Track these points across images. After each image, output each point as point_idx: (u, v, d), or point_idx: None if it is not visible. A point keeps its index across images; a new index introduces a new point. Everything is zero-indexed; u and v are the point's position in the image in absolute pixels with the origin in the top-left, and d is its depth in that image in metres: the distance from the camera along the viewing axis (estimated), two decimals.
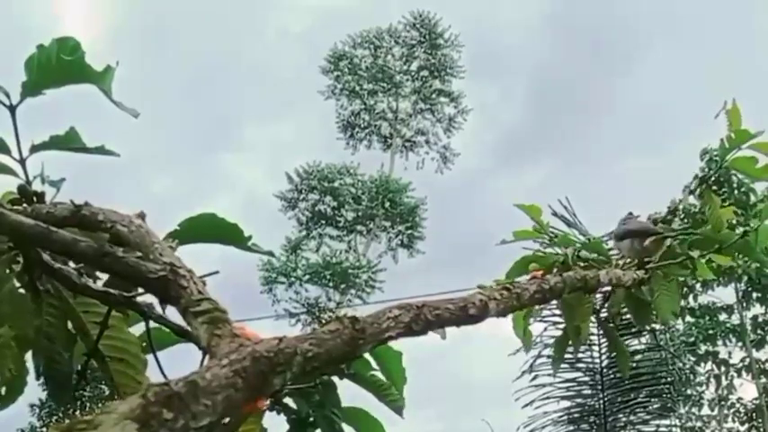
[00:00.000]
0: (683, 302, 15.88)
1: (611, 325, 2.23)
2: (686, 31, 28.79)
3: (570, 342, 2.07)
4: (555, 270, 1.91)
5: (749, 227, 2.00)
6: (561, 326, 2.05)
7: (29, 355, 1.34)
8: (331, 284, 20.06)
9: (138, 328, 1.37)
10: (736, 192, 12.31)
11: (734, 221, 2.10)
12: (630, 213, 2.57)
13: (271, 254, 1.51)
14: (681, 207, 2.23)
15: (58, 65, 1.26)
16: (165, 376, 1.26)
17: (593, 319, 2.20)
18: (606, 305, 2.18)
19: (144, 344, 1.36)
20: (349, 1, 30.57)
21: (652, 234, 2.19)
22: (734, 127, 1.94)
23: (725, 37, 27.55)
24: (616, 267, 1.93)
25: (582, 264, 1.93)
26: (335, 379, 1.43)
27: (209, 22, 28.74)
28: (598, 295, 2.09)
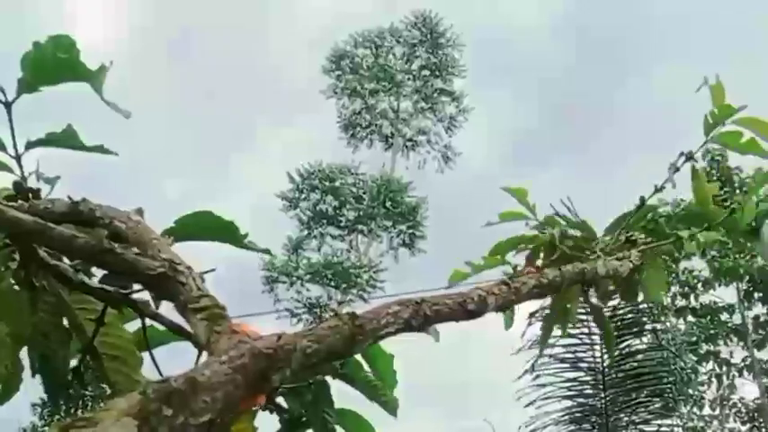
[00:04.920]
0: (684, 302, 15.87)
1: (600, 304, 2.20)
2: (698, 33, 28.81)
3: (558, 325, 2.04)
4: (542, 251, 1.89)
5: (737, 204, 1.99)
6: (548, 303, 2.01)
7: (24, 353, 1.34)
8: (332, 284, 20.05)
9: (132, 326, 1.36)
10: (737, 192, 12.33)
11: (720, 197, 2.07)
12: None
13: (267, 252, 1.51)
14: (668, 185, 2.17)
15: (52, 62, 1.26)
16: (160, 373, 1.26)
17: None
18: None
19: (139, 341, 1.36)
20: (364, 6, 30.72)
21: None
22: (717, 102, 1.94)
23: (737, 40, 27.57)
24: (603, 251, 1.90)
25: (569, 243, 1.90)
26: (329, 380, 1.42)
27: (226, 26, 28.85)
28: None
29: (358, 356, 1.41)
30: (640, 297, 2.09)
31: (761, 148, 1.92)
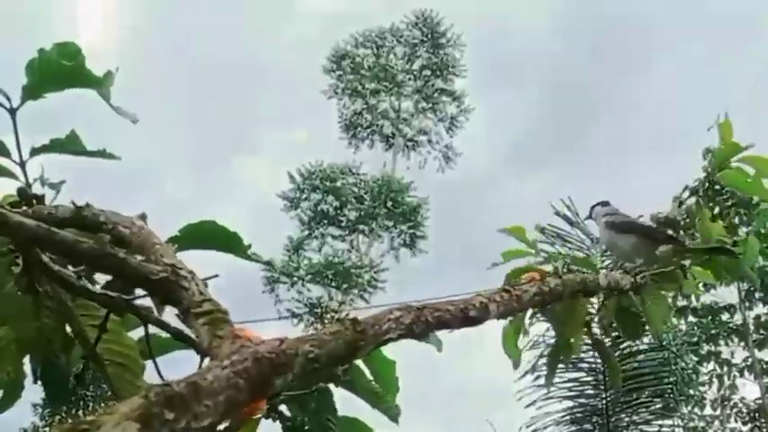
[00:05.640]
0: (685, 302, 15.86)
1: (604, 335, 2.22)
2: (699, 33, 28.74)
3: (562, 357, 2.06)
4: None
5: (738, 237, 1.99)
6: (554, 334, 2.03)
7: (26, 359, 1.34)
8: (333, 284, 20.04)
9: (136, 333, 1.37)
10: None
11: (723, 235, 2.06)
12: (606, 202, 2.36)
13: (270, 263, 1.52)
14: (671, 216, 2.14)
15: (57, 69, 1.26)
16: (163, 380, 1.26)
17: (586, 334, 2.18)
18: (597, 317, 2.14)
19: (142, 349, 1.36)
20: (365, 6, 30.69)
21: (670, 242, 2.04)
22: (725, 140, 1.94)
23: (738, 39, 27.50)
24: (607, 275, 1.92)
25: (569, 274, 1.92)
26: (332, 387, 1.42)
27: (225, 28, 28.84)
28: (593, 301, 2.06)
29: (360, 363, 1.41)
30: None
31: (766, 191, 1.93)
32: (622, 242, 2.14)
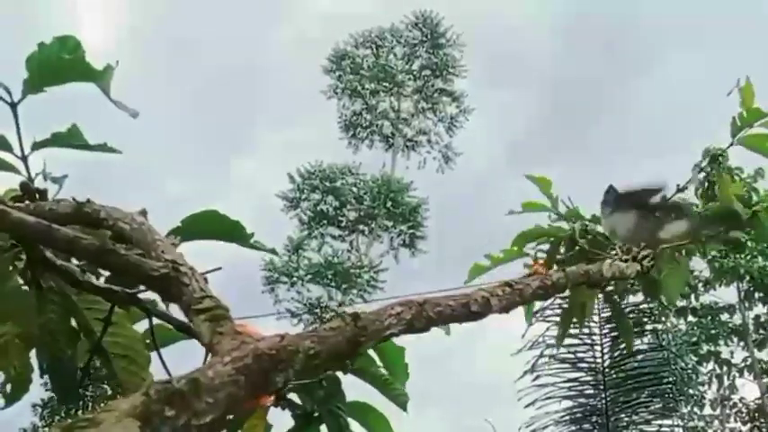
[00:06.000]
0: (685, 302, 15.87)
1: (617, 299, 2.17)
2: (699, 32, 28.76)
3: (574, 319, 2.04)
4: (562, 245, 1.88)
5: (762, 203, 1.98)
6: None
7: (32, 353, 1.34)
8: (333, 284, 20.05)
9: (141, 326, 1.37)
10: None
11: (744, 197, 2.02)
12: (611, 186, 2.17)
13: (273, 251, 1.51)
14: (690, 186, 2.06)
15: (58, 63, 1.26)
16: (168, 373, 1.26)
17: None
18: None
19: (147, 341, 1.36)
20: (364, 7, 30.69)
21: (681, 217, 1.92)
22: (746, 105, 1.93)
23: (740, 39, 27.53)
24: (621, 248, 1.87)
25: (588, 237, 1.89)
26: (339, 374, 1.43)
27: (225, 28, 28.86)
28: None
29: (369, 350, 1.41)
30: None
31: None
32: (621, 222, 1.91)
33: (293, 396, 1.41)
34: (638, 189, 1.93)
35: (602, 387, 7.85)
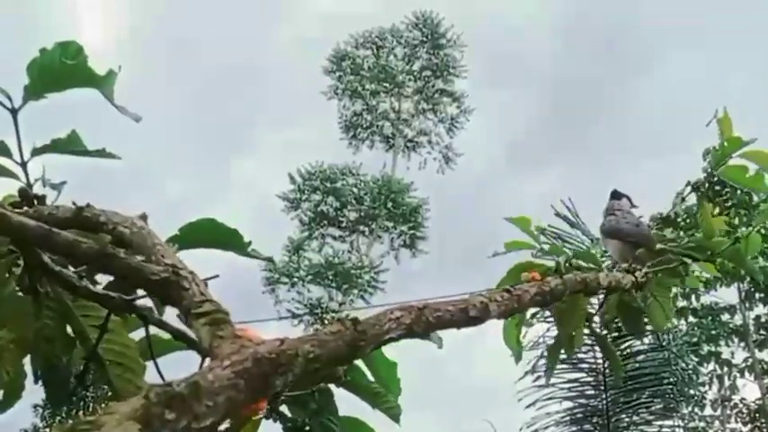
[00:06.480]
0: (685, 303, 15.87)
1: (605, 332, 2.21)
2: (700, 33, 28.73)
3: (563, 351, 2.05)
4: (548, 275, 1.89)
5: (740, 233, 1.99)
6: (554, 334, 2.03)
7: (27, 359, 1.33)
8: (333, 285, 20.06)
9: (137, 335, 1.36)
10: (738, 192, 12.30)
11: (726, 230, 2.06)
12: (615, 191, 2.41)
13: (270, 260, 1.51)
14: (673, 214, 2.18)
15: (60, 69, 1.26)
16: (164, 380, 1.26)
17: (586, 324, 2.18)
18: (599, 312, 2.14)
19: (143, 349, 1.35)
20: (364, 7, 30.69)
21: (645, 246, 2.12)
22: (725, 135, 1.93)
23: (740, 39, 27.51)
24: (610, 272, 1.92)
25: (574, 271, 1.91)
26: (332, 387, 1.42)
27: (225, 28, 28.85)
28: (593, 300, 2.05)
29: (361, 364, 1.41)
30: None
31: (765, 185, 1.92)
32: (610, 246, 2.24)
33: (284, 408, 1.40)
34: (621, 225, 2.22)
35: (602, 387, 7.85)
